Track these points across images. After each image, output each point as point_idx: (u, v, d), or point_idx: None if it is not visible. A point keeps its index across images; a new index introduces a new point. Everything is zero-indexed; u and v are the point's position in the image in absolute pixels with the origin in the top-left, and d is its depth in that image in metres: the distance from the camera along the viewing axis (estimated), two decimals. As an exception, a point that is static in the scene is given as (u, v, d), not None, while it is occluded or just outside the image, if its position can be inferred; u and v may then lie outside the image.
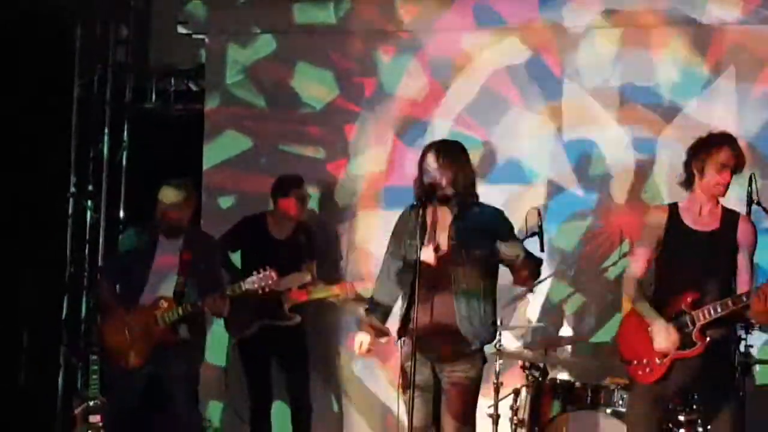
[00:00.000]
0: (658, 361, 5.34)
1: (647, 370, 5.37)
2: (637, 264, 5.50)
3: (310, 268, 7.05)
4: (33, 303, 7.84)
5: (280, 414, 7.27)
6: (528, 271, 5.29)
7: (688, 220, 5.40)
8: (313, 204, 7.51)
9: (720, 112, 6.99)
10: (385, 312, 5.46)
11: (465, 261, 5.20)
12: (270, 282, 6.12)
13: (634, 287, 5.46)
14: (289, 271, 6.85)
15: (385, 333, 5.43)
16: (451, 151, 5.30)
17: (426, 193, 5.20)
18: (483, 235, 5.23)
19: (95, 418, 6.57)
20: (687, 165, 5.45)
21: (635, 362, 5.41)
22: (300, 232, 7.05)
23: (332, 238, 7.58)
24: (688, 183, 5.45)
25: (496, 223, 5.29)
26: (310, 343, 7.15)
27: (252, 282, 6.14)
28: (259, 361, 7.01)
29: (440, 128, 7.33)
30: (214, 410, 7.71)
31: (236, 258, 7.13)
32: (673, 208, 5.46)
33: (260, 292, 6.16)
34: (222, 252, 6.89)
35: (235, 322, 6.94)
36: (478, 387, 5.30)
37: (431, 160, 5.26)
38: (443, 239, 5.27)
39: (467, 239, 5.22)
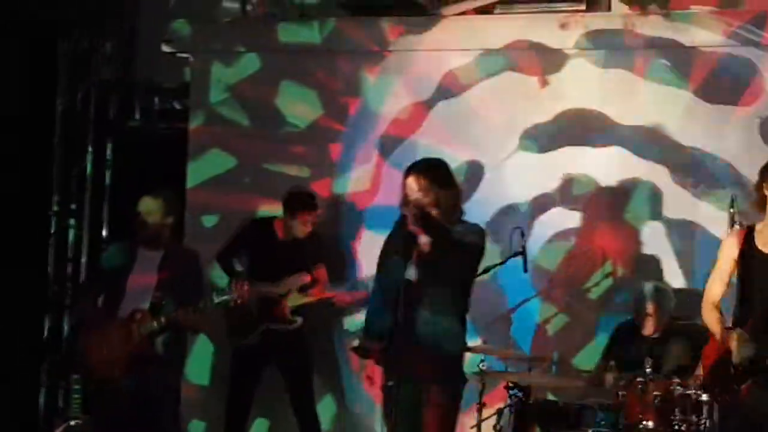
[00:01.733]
0: (735, 387, 5.36)
1: (726, 397, 5.40)
2: (713, 289, 5.53)
3: (319, 272, 7.10)
4: (14, 322, 7.81)
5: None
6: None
7: (760, 243, 5.41)
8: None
9: (702, 133, 7.08)
10: (381, 331, 5.39)
11: (439, 280, 5.23)
12: (243, 295, 6.17)
13: (712, 312, 5.48)
14: (295, 272, 6.99)
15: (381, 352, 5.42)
16: (431, 173, 5.34)
17: (408, 217, 5.22)
18: (459, 253, 5.26)
19: (76, 438, 6.58)
20: (758, 186, 5.46)
21: (717, 389, 5.46)
22: (307, 235, 7.10)
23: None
24: (761, 205, 5.45)
25: (469, 240, 5.29)
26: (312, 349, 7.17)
27: (223, 296, 6.19)
28: (252, 371, 7.00)
29: (424, 148, 7.35)
30: (196, 430, 7.71)
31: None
32: (749, 231, 5.47)
33: (232, 303, 6.21)
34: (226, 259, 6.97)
35: (237, 329, 6.99)
36: (454, 409, 5.30)
37: (412, 183, 5.31)
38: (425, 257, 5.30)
39: (443, 258, 5.25)
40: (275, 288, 7.00)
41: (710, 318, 5.49)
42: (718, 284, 5.52)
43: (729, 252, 5.48)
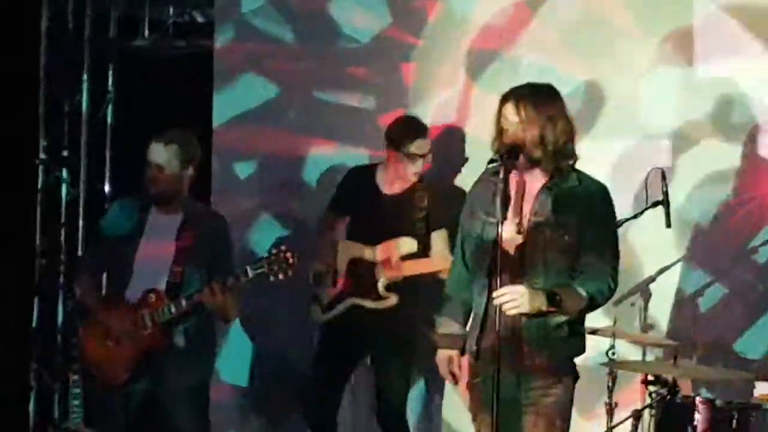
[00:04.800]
0: None
1: None
2: None
3: (435, 238, 7.11)
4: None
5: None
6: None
7: None
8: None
9: None
10: (466, 310, 5.46)
11: (553, 244, 5.23)
12: (285, 265, 6.14)
13: None
14: (399, 236, 7.06)
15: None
16: (537, 100, 5.29)
17: (507, 156, 5.19)
18: (577, 214, 5.26)
19: (77, 455, 6.66)
20: None
21: None
22: (418, 188, 7.17)
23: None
24: None
25: (593, 207, 5.29)
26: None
27: (260, 266, 6.16)
28: (346, 356, 7.17)
29: (527, 65, 7.37)
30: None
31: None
32: None
33: (272, 278, 6.19)
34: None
35: (323, 299, 7.14)
36: (564, 410, 5.33)
37: (511, 114, 5.27)
38: (529, 214, 5.24)
39: (558, 216, 5.24)
40: (368, 253, 7.04)
41: None
42: None
43: None
